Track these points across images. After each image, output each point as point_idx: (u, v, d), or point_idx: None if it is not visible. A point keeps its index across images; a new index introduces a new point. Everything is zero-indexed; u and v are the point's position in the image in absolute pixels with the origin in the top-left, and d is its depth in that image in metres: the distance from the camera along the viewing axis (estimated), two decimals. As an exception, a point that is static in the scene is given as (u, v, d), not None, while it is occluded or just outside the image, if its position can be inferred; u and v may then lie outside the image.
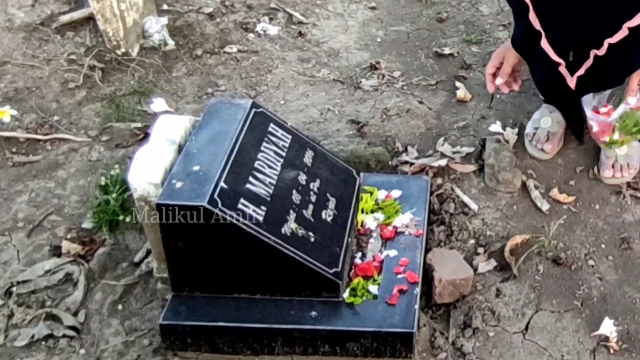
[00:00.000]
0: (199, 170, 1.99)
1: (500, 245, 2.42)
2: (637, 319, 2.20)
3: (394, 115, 3.02)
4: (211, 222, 1.90)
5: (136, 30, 3.31)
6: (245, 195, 1.99)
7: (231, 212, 1.91)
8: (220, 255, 2.01)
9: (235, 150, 2.07)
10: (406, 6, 3.85)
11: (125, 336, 2.17)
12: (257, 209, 1.98)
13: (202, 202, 1.87)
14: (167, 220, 1.93)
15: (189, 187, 1.92)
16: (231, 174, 1.99)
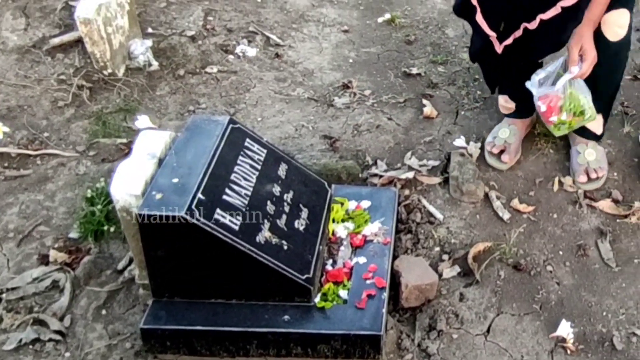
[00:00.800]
0: (178, 182, 1.98)
1: (464, 252, 2.42)
2: (592, 321, 2.21)
3: (364, 130, 3.03)
4: (189, 231, 1.90)
5: (122, 52, 3.30)
6: (221, 205, 1.99)
7: (208, 222, 1.91)
8: (198, 263, 2.01)
9: (212, 164, 2.07)
10: (377, 29, 3.86)
11: (109, 340, 2.16)
12: (233, 219, 1.98)
13: (180, 212, 1.87)
14: (147, 230, 1.93)
15: (168, 198, 1.92)
16: (208, 186, 2.00)
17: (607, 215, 2.56)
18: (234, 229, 1.96)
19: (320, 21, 3.90)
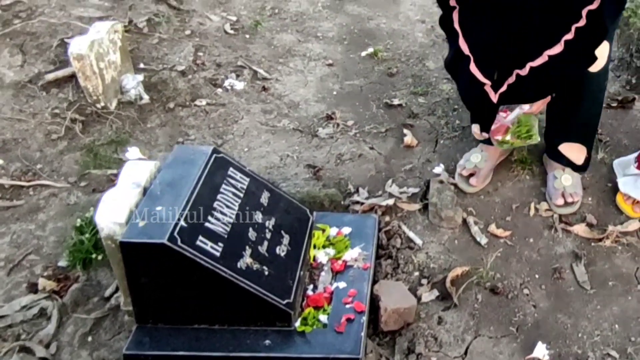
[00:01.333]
0: (161, 210, 1.96)
1: (443, 277, 2.39)
2: (568, 343, 2.18)
3: (347, 159, 3.01)
4: (171, 258, 1.87)
5: (114, 86, 3.29)
6: (203, 232, 1.96)
7: (189, 248, 1.89)
8: (180, 289, 1.98)
9: (195, 192, 2.05)
10: (360, 63, 3.87)
11: None
12: (215, 245, 1.96)
13: (162, 240, 1.84)
14: (130, 257, 1.90)
15: (151, 226, 1.90)
16: (191, 214, 1.97)
17: (582, 239, 2.54)
18: (216, 255, 1.93)
19: (306, 55, 3.91)
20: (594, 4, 2.03)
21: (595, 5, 2.03)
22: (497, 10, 2.13)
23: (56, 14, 3.79)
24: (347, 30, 4.21)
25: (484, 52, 2.27)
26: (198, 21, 4.06)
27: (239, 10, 4.31)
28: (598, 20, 2.06)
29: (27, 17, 3.70)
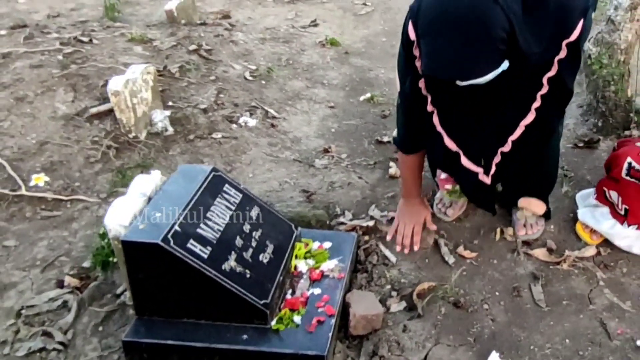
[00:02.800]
0: (160, 216, 2.00)
1: (411, 290, 2.38)
2: (520, 354, 2.13)
3: (337, 187, 3.03)
4: (164, 257, 1.90)
5: (145, 120, 3.37)
6: (194, 237, 1.99)
7: (180, 250, 1.92)
8: (172, 286, 2.00)
9: (192, 202, 2.09)
10: (358, 106, 3.93)
11: (101, 351, 2.17)
12: (204, 249, 1.99)
13: (157, 240, 1.88)
14: (130, 254, 1.94)
15: (149, 229, 1.94)
16: (185, 220, 2.01)
17: (542, 262, 2.50)
18: (203, 257, 1.96)
19: (311, 99, 4.00)
20: (552, 70, 1.99)
21: (553, 72, 1.99)
22: (471, 104, 2.07)
23: (106, 60, 3.93)
24: (350, 79, 4.30)
25: (470, 144, 2.24)
26: (223, 69, 4.16)
27: (259, 60, 4.41)
28: (559, 83, 2.02)
29: (82, 63, 3.86)
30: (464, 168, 2.29)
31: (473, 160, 2.28)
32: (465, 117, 2.16)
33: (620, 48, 3.17)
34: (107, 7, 5.09)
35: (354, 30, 5.23)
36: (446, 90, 2.01)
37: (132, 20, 5.05)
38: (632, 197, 2.36)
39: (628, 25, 3.12)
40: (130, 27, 4.74)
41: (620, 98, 3.21)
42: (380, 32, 5.16)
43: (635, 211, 2.38)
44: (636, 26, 3.13)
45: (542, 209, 2.59)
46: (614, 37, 3.17)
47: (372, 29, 5.27)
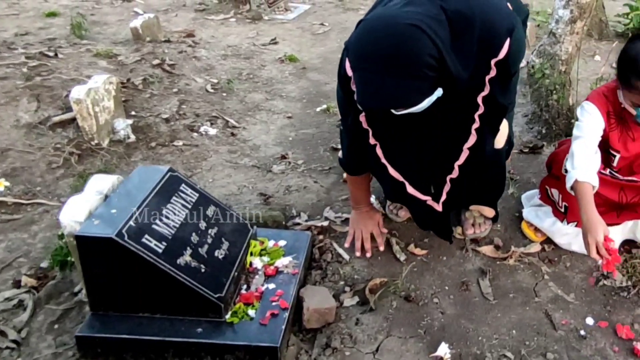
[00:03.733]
0: (115, 212, 1.95)
1: (364, 286, 2.34)
2: (468, 344, 2.10)
3: (294, 190, 3.01)
4: (118, 251, 1.84)
5: (107, 127, 3.32)
6: (149, 232, 1.94)
7: (135, 244, 1.86)
8: (127, 280, 1.94)
9: (147, 200, 2.04)
10: (314, 116, 3.92)
11: (55, 348, 2.07)
12: (159, 244, 1.93)
13: (111, 235, 1.82)
14: (84, 249, 1.88)
15: (104, 224, 1.88)
16: (140, 216, 1.95)
17: (489, 258, 2.50)
18: (158, 251, 1.90)
19: (270, 110, 3.98)
20: (485, 90, 1.96)
21: (486, 91, 1.96)
22: (412, 133, 2.06)
23: (71, 73, 3.88)
24: (307, 92, 4.29)
25: (415, 173, 2.21)
26: (185, 82, 4.13)
27: (221, 74, 4.40)
28: (493, 101, 1.99)
29: (46, 75, 3.80)
30: (411, 197, 2.26)
31: (420, 189, 2.23)
32: (408, 147, 2.12)
33: (562, 59, 3.21)
34: (74, 26, 5.02)
35: (312, 47, 5.24)
36: (386, 121, 2.00)
37: (99, 38, 4.99)
38: (569, 194, 2.36)
39: (568, 38, 3.17)
40: (96, 44, 4.68)
41: (562, 106, 3.25)
42: (336, 49, 5.15)
43: (574, 209, 2.38)
44: (576, 38, 3.18)
45: (491, 213, 2.59)
46: (555, 49, 3.21)
47: (328, 47, 5.28)
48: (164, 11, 5.96)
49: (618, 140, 2.33)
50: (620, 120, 2.31)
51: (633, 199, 2.32)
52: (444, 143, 2.10)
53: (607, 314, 2.24)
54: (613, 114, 2.31)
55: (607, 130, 2.31)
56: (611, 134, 2.32)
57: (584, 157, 2.21)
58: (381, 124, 2.08)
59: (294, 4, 6.50)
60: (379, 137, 2.14)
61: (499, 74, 1.91)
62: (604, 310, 2.25)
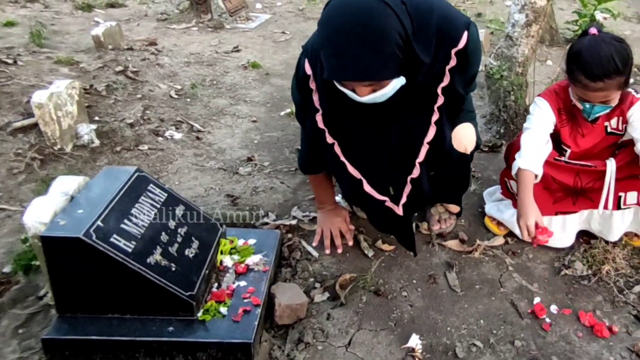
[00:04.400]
0: (82, 212, 1.86)
1: (334, 282, 2.30)
2: (438, 335, 2.08)
3: (261, 191, 2.95)
4: (86, 252, 1.75)
5: (70, 132, 3.21)
6: (118, 232, 1.86)
7: (103, 244, 1.78)
8: (96, 281, 1.85)
9: (115, 200, 1.95)
10: (279, 120, 3.88)
11: (20, 353, 1.97)
12: (128, 243, 1.85)
13: (79, 234, 1.73)
14: (50, 250, 1.78)
15: (70, 224, 1.79)
16: (108, 216, 1.87)
17: (455, 252, 2.49)
18: (128, 251, 1.82)
19: (235, 115, 3.92)
20: (445, 80, 1.96)
21: (446, 82, 1.96)
22: (370, 128, 2.04)
23: (31, 80, 3.77)
24: (271, 97, 4.25)
25: (373, 169, 2.16)
26: (149, 88, 4.05)
27: (184, 81, 4.32)
28: (452, 92, 1.99)
29: (5, 81, 3.66)
30: (369, 197, 2.20)
31: (377, 189, 2.19)
32: (366, 143, 2.08)
33: (518, 61, 3.23)
34: (34, 34, 4.89)
35: (274, 55, 5.20)
36: (345, 114, 1.98)
37: (59, 47, 4.86)
38: None
39: (524, 41, 3.20)
40: (57, 52, 4.56)
41: (519, 106, 3.27)
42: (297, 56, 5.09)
43: None
44: (532, 41, 3.20)
45: (456, 209, 2.60)
46: (512, 52, 3.23)
47: (290, 54, 5.25)
48: (125, 21, 5.86)
49: (569, 136, 2.38)
50: (571, 117, 2.36)
51: (588, 184, 2.34)
52: (404, 137, 2.06)
53: (570, 301, 2.25)
54: (564, 110, 2.36)
55: (558, 125, 2.36)
56: (562, 130, 2.37)
57: (529, 147, 2.26)
58: (339, 120, 2.05)
59: (255, 14, 6.47)
60: (337, 135, 2.11)
61: (459, 63, 1.92)
62: (566, 299, 2.26)
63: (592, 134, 2.36)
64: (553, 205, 2.40)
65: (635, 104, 2.25)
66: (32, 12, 6.19)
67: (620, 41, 2.13)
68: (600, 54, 2.07)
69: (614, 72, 2.07)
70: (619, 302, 2.24)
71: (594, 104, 2.19)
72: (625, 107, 2.26)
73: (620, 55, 2.07)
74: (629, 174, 2.28)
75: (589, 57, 2.09)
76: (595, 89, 2.12)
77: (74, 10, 6.39)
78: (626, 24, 6.37)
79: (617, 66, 2.06)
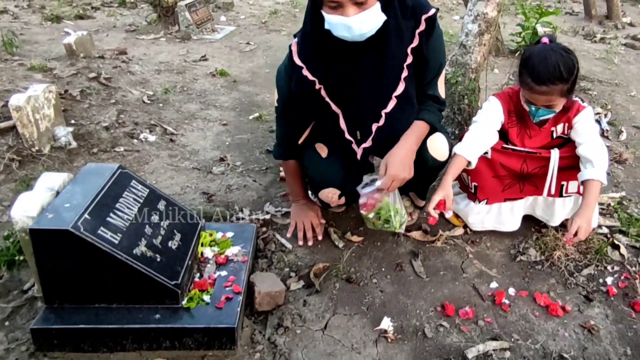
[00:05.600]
0: (69, 206, 1.83)
1: (308, 271, 2.31)
2: (407, 317, 2.11)
3: (235, 189, 2.94)
4: (74, 244, 1.73)
5: (48, 135, 3.14)
6: (104, 225, 1.84)
7: (91, 235, 1.75)
8: (83, 272, 1.82)
9: (100, 195, 1.93)
10: (248, 123, 3.87)
11: (8, 344, 1.93)
12: (114, 235, 1.83)
13: (67, 227, 1.71)
14: (38, 243, 1.75)
15: (58, 217, 1.77)
16: (94, 210, 1.85)
17: (419, 242, 2.52)
18: (114, 242, 1.81)
19: (206, 119, 3.90)
20: (414, 42, 2.09)
21: (415, 43, 2.09)
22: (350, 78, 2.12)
23: (6, 85, 3.66)
24: (240, 102, 4.24)
25: (350, 111, 2.21)
26: (122, 94, 3.99)
27: (156, 87, 4.28)
28: (419, 53, 2.11)
29: (-20, 87, 3.52)
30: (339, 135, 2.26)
31: (349, 130, 2.25)
32: (347, 89, 2.15)
33: (471, 68, 3.29)
34: (6, 42, 4.77)
35: (240, 64, 5.18)
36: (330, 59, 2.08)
37: (31, 55, 4.75)
38: (476, 173, 2.44)
39: (477, 49, 3.26)
40: (29, 59, 4.45)
41: (472, 109, 3.32)
42: (263, 64, 5.13)
43: (483, 187, 2.46)
44: (484, 49, 3.27)
45: (422, 203, 2.69)
46: (465, 59, 3.29)
47: (256, 63, 5.24)
48: (94, 31, 5.75)
49: (516, 137, 2.45)
50: (520, 119, 2.43)
51: (534, 169, 2.41)
52: (377, 88, 2.14)
53: (526, 284, 2.31)
54: (514, 112, 2.43)
55: (506, 125, 2.44)
56: (510, 130, 2.45)
57: (470, 136, 2.36)
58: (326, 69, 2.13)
59: (220, 26, 6.44)
60: (323, 81, 2.17)
61: (427, 28, 2.08)
62: (523, 282, 2.32)
63: (539, 136, 2.43)
64: (502, 192, 2.48)
65: (582, 112, 2.32)
66: (2, 23, 6.06)
67: (568, 52, 2.18)
68: (547, 61, 2.14)
69: (558, 79, 2.13)
70: (570, 284, 2.31)
71: (538, 107, 2.25)
72: (572, 115, 2.33)
73: (566, 64, 2.13)
74: (570, 164, 2.36)
75: (536, 63, 2.16)
76: (540, 92, 2.18)
77: (44, 21, 6.26)
78: (564, 36, 6.57)
79: (562, 74, 2.12)
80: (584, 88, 4.65)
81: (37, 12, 6.69)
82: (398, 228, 2.26)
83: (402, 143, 2.16)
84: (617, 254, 2.47)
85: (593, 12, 7.61)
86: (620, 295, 2.26)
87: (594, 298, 2.24)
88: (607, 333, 2.07)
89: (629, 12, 8.32)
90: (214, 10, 7.12)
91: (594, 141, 2.29)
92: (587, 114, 2.32)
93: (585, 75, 4.95)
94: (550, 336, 2.04)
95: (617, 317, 2.15)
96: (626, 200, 2.93)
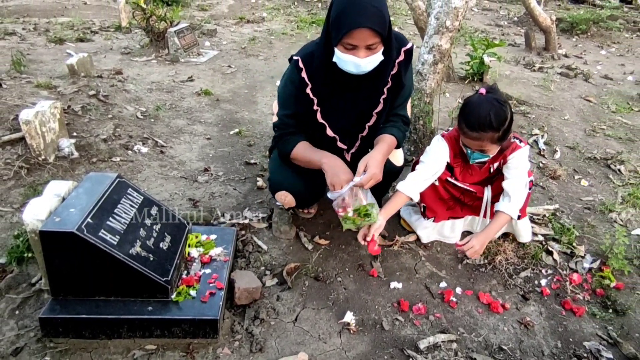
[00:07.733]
0: (74, 211, 1.88)
1: (281, 269, 2.38)
2: (368, 312, 2.19)
3: (217, 196, 2.99)
4: (79, 244, 1.78)
5: (53, 146, 3.16)
6: (105, 228, 1.89)
7: (93, 237, 1.81)
8: (85, 269, 1.86)
9: (101, 201, 1.98)
10: (229, 138, 3.91)
11: (18, 331, 1.98)
12: (113, 237, 1.88)
13: (72, 229, 1.76)
14: (47, 243, 1.80)
15: (64, 221, 1.81)
16: (96, 214, 1.90)
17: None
18: (113, 243, 1.86)
19: (192, 133, 3.92)
20: (394, 69, 2.20)
21: (395, 70, 2.21)
22: (343, 99, 2.22)
23: (16, 100, 3.66)
24: (222, 118, 4.28)
25: (340, 127, 2.32)
26: (118, 110, 4.00)
27: (148, 104, 4.30)
28: (398, 79, 2.22)
29: (-7, 102, 3.53)
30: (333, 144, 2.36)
31: (342, 141, 2.36)
32: (341, 106, 2.24)
33: (426, 93, 3.40)
34: (15, 62, 4.75)
35: (222, 84, 5.21)
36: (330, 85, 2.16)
37: (37, 74, 4.73)
38: (424, 196, 2.52)
39: (432, 76, 3.37)
40: (36, 77, 4.44)
41: (427, 129, 3.43)
42: (242, 85, 5.18)
43: (430, 207, 2.56)
44: (437, 77, 3.38)
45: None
46: (422, 85, 3.39)
47: (236, 84, 5.28)
48: (93, 53, 5.72)
49: (459, 173, 2.49)
50: (464, 159, 2.43)
51: (470, 201, 2.53)
52: (362, 106, 2.26)
53: (471, 284, 2.40)
54: (459, 154, 2.43)
55: (452, 163, 2.44)
56: (455, 168, 2.47)
57: (414, 177, 2.37)
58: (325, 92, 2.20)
59: (205, 50, 6.46)
60: (321, 103, 2.24)
61: (405, 58, 2.21)
62: (468, 282, 2.41)
63: (479, 173, 2.46)
64: (446, 212, 2.58)
65: (517, 151, 2.31)
66: (11, 44, 6.01)
67: (501, 103, 2.13)
68: (480, 110, 2.12)
69: (488, 127, 2.11)
70: (510, 285, 2.41)
71: (473, 150, 2.25)
72: (508, 153, 2.32)
73: (497, 115, 2.10)
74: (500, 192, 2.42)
75: (470, 111, 2.15)
76: (472, 137, 2.17)
77: (48, 42, 6.22)
78: (506, 65, 6.73)
79: (492, 123, 2.10)
80: (524, 112, 4.79)
81: (42, 35, 6.63)
82: (376, 219, 2.21)
83: (379, 149, 2.20)
84: (550, 259, 2.58)
85: (533, 44, 7.81)
86: (552, 296, 2.36)
87: (530, 297, 2.33)
88: (540, 328, 2.16)
89: (564, 44, 8.55)
90: (200, 36, 7.14)
91: (519, 181, 2.32)
92: (521, 154, 2.32)
93: (524, 100, 5.09)
94: (492, 330, 2.13)
95: (550, 315, 2.24)
96: (559, 212, 3.05)
